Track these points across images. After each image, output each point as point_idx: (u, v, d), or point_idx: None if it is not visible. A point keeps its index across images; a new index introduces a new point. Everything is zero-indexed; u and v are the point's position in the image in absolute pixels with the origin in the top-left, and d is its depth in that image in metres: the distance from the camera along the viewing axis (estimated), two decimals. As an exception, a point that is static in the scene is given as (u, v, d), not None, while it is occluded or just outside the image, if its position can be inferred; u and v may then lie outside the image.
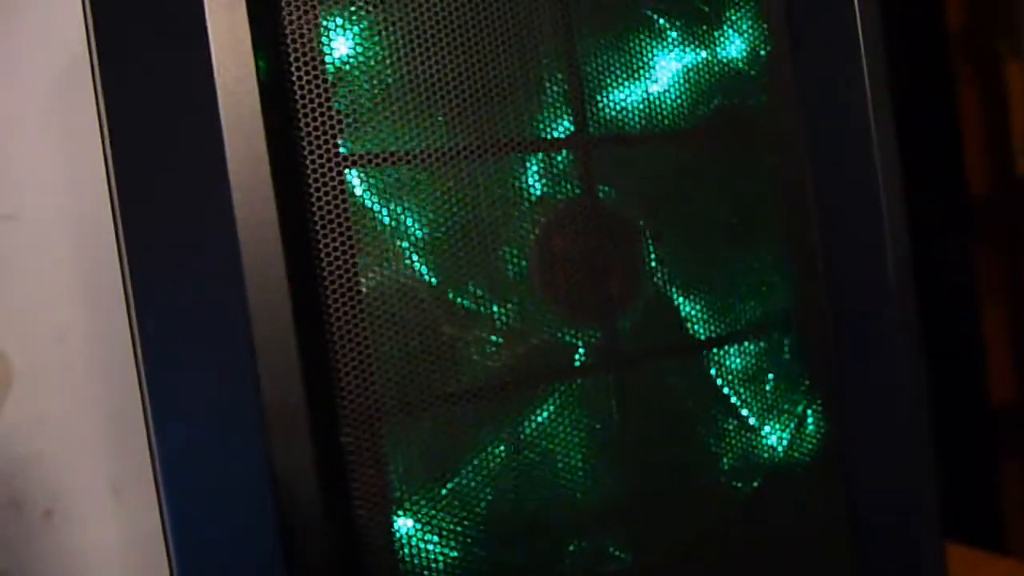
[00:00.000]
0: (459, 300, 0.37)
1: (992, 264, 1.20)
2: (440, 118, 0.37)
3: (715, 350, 0.42)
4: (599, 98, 0.40)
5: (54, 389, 0.71)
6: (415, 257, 0.37)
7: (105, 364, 0.70)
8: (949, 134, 1.23)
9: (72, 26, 0.65)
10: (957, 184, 1.22)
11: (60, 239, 0.69)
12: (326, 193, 0.34)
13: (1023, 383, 1.16)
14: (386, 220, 0.36)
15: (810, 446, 0.44)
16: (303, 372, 0.32)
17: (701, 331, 0.42)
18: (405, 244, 0.36)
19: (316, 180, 0.34)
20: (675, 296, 0.42)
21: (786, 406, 0.44)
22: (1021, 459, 1.16)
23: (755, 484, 0.43)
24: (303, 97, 0.34)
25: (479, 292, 0.38)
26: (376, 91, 0.36)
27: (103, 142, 0.35)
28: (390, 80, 0.36)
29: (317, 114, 0.34)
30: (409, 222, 0.36)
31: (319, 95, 0.34)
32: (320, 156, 0.34)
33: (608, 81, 0.40)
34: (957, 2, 1.20)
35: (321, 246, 0.34)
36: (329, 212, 0.34)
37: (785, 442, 0.44)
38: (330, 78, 0.35)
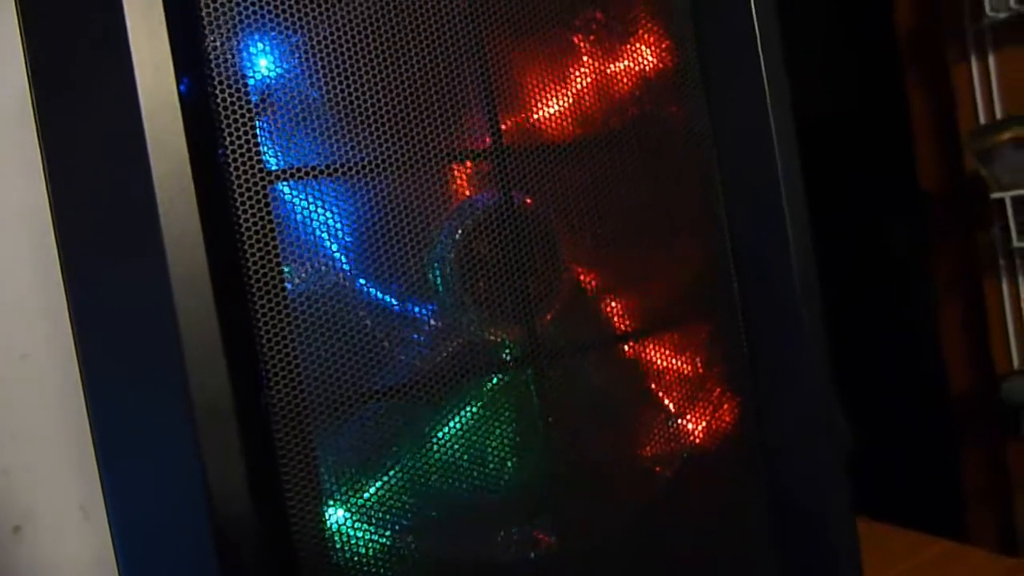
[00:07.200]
0: (384, 304, 0.39)
1: (945, 258, 1.22)
2: (362, 132, 0.39)
3: (632, 343, 0.45)
4: (513, 110, 0.42)
5: (21, 406, 0.72)
6: (341, 264, 0.39)
7: (69, 380, 0.70)
8: (900, 134, 1.26)
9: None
10: (909, 181, 1.25)
11: (20, 256, 0.70)
12: (251, 206, 0.36)
13: (979, 374, 1.18)
14: (311, 230, 0.38)
15: (727, 431, 0.46)
16: (231, 375, 0.34)
17: (618, 325, 0.45)
18: (330, 252, 0.38)
19: (241, 194, 0.36)
20: (592, 293, 0.44)
21: (702, 393, 0.46)
22: (978, 449, 1.19)
23: (676, 469, 0.45)
24: (227, 116, 0.36)
25: (404, 296, 0.40)
26: (299, 108, 0.38)
27: (42, 164, 0.37)
28: (312, 97, 0.38)
29: (241, 132, 0.36)
30: (334, 231, 0.39)
31: (242, 113, 0.36)
32: (245, 171, 0.36)
33: (521, 94, 0.43)
34: (906, 6, 1.23)
35: (248, 256, 0.36)
36: (254, 224, 0.36)
37: (703, 428, 0.46)
38: (253, 96, 0.37)
